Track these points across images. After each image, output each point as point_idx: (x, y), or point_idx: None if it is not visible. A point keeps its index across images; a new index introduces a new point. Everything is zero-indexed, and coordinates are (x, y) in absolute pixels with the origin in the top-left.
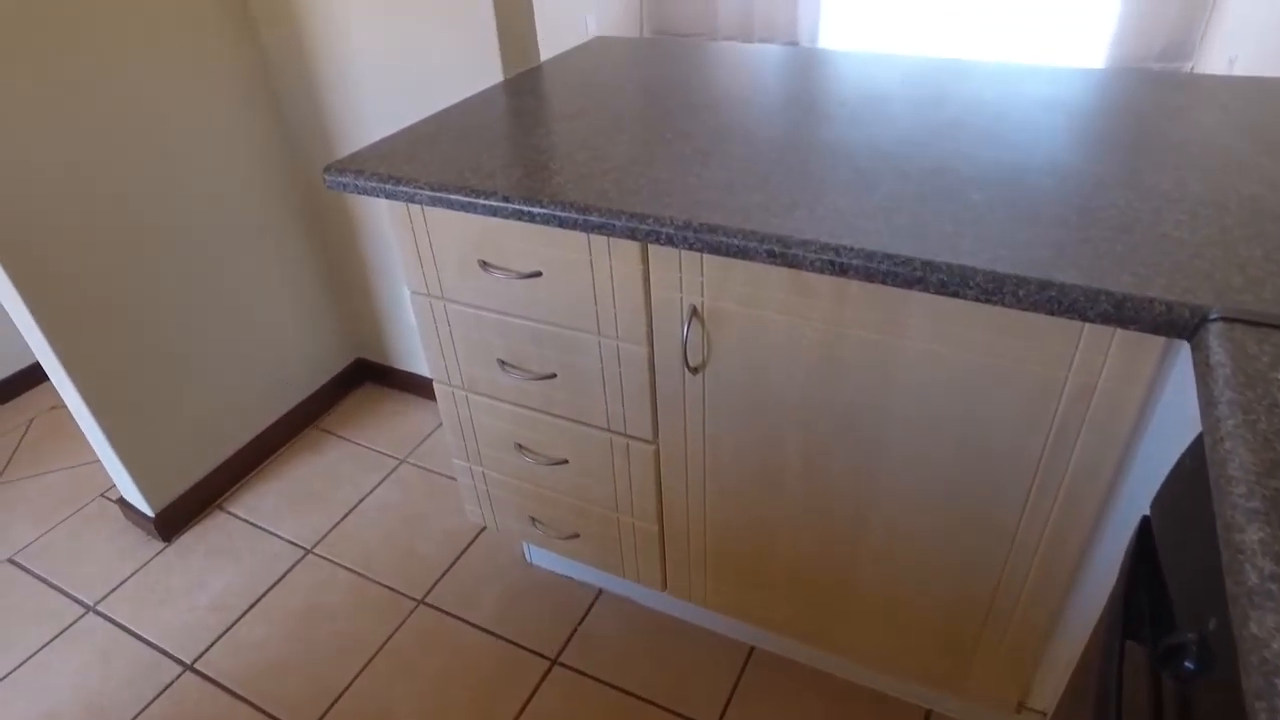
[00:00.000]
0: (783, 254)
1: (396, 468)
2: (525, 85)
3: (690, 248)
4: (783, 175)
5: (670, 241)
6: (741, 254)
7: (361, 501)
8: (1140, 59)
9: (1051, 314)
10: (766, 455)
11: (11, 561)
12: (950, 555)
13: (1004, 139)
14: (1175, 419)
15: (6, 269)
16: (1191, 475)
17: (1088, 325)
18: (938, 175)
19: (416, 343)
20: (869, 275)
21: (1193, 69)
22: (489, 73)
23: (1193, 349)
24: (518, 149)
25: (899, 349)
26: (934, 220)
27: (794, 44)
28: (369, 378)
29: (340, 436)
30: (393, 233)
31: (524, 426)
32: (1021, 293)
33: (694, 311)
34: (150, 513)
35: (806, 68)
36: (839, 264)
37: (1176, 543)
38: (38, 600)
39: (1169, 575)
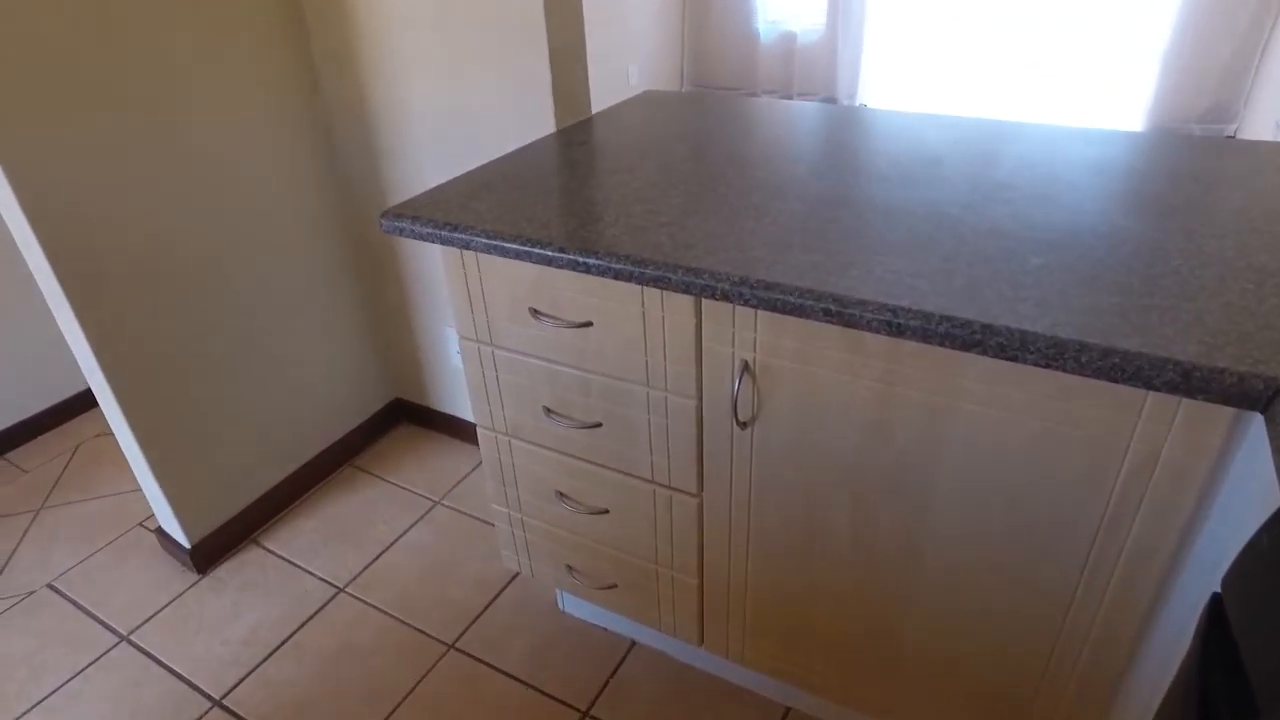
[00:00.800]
0: (839, 313)
1: (431, 509)
2: (577, 137)
3: (746, 304)
4: (837, 233)
5: (726, 297)
6: (798, 312)
7: (395, 542)
8: (1181, 121)
9: (1114, 381)
10: (814, 512)
11: (50, 587)
12: (1001, 622)
13: (1057, 202)
14: (1247, 493)
15: (69, 298)
16: (1270, 553)
17: (1151, 393)
18: (993, 238)
19: (455, 385)
20: (926, 337)
21: (1236, 133)
22: (542, 123)
23: (1267, 421)
24: (571, 200)
25: (953, 410)
26: (992, 283)
27: (832, 99)
28: (406, 418)
29: (376, 475)
30: (445, 278)
31: (566, 474)
32: (1084, 359)
33: (745, 366)
34: (187, 544)
35: (855, 126)
36: (896, 324)
37: (1255, 623)
38: (73, 627)
39: (1247, 657)
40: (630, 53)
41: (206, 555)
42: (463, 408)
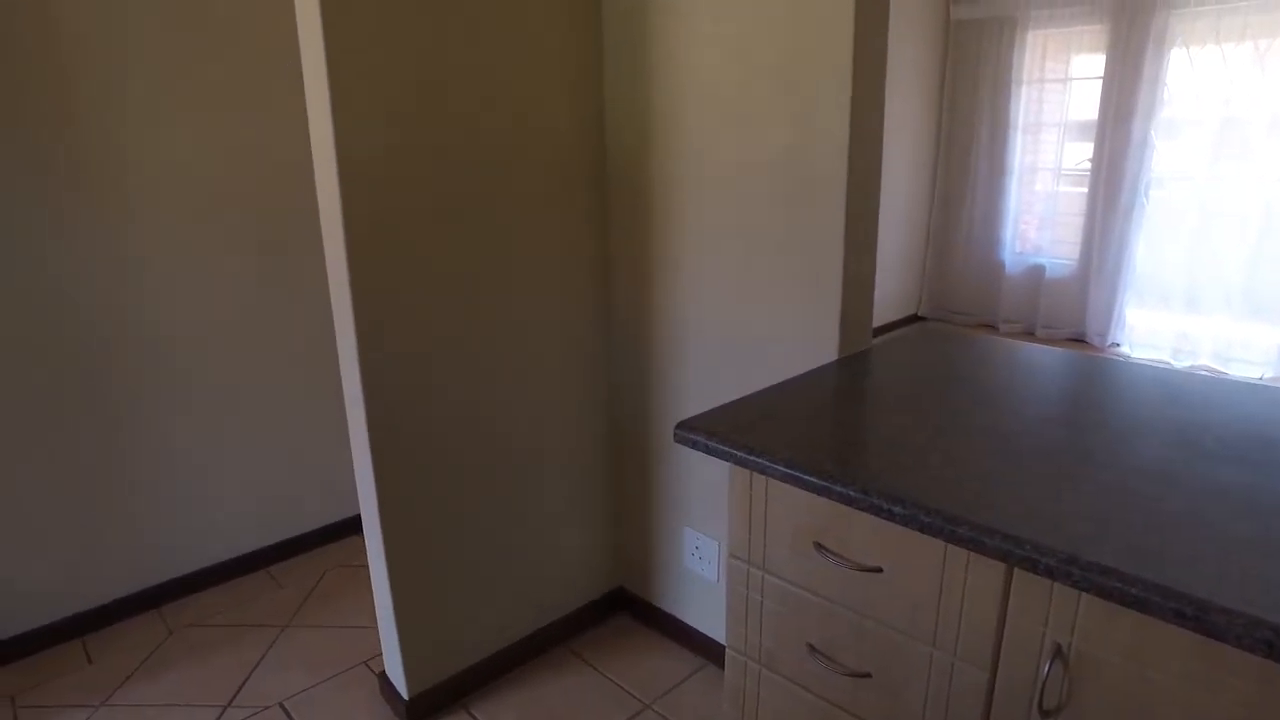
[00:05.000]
0: (1197, 619)
1: (640, 712)
2: (860, 368)
3: (1074, 585)
4: (1170, 519)
5: (1049, 574)
6: (1139, 606)
7: None
8: None
9: None
10: None
11: (281, 706)
12: None
13: None
14: None
15: (373, 449)
16: None
17: None
18: None
19: (682, 586)
20: None
21: None
22: (823, 350)
23: None
24: (866, 437)
25: None
26: None
27: (1081, 337)
28: (627, 609)
29: (588, 663)
30: (730, 498)
31: (817, 719)
32: None
33: (1057, 650)
34: (405, 695)
35: (1158, 386)
36: None
37: None
38: None
39: None
40: None
41: (420, 712)
42: (686, 611)
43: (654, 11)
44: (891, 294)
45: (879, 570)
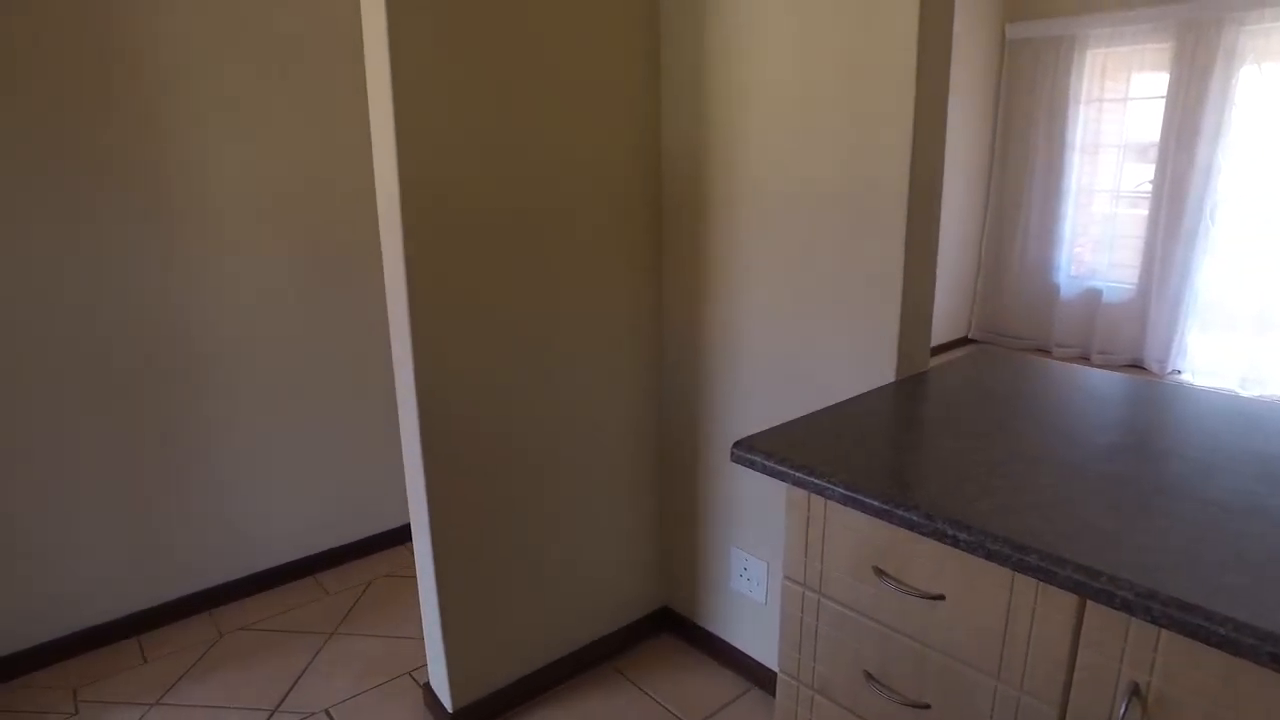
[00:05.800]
0: None
1: None
2: (918, 391)
3: (1153, 621)
4: (1261, 556)
5: (1126, 608)
6: (1228, 647)
7: None
8: None
9: None
10: None
11: (327, 713)
12: None
13: None
14: None
15: (424, 459)
16: None
17: None
18: None
19: (728, 607)
20: None
21: None
22: (879, 373)
23: None
24: (927, 460)
25: None
26: None
27: (1139, 364)
28: (671, 629)
29: (632, 682)
30: (787, 520)
31: None
32: None
33: (1134, 689)
34: (449, 708)
35: (1234, 416)
36: None
37: None
38: None
39: None
40: None
41: None
42: (733, 633)
43: (711, 35)
44: (942, 315)
45: (941, 598)
